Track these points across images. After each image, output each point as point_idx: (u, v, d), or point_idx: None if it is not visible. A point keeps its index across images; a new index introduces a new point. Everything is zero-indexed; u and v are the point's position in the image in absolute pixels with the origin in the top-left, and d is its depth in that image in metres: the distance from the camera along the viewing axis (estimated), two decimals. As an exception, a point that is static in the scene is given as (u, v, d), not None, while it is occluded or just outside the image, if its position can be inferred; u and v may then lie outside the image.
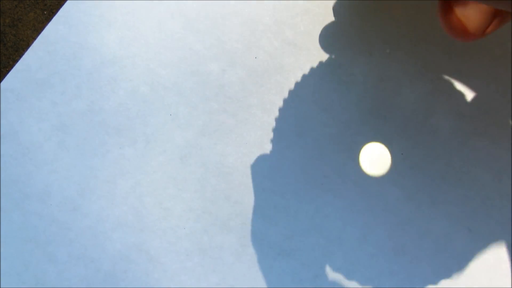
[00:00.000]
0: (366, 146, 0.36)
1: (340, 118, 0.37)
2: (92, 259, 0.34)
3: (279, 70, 0.38)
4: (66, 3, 0.40)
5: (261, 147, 0.36)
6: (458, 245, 0.34)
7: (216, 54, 0.39)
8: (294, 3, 0.40)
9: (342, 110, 0.37)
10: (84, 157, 0.36)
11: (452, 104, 0.37)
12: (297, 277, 0.33)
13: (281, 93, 0.38)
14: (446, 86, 0.37)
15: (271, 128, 0.37)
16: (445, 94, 0.37)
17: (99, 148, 0.36)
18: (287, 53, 0.39)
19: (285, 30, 0.39)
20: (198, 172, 0.36)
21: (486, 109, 0.37)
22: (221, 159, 0.36)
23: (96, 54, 0.39)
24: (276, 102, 0.37)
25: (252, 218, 0.35)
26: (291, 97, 0.38)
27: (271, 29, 0.39)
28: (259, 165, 0.36)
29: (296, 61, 0.38)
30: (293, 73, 0.38)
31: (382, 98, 0.37)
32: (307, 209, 0.35)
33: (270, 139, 0.36)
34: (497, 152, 0.36)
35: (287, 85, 0.38)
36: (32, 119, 0.37)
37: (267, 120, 0.37)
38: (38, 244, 0.34)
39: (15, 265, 0.34)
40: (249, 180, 0.36)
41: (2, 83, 0.38)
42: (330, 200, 0.35)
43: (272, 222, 0.35)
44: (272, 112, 0.37)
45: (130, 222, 0.35)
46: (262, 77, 0.38)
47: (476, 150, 0.36)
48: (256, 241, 0.34)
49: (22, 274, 0.34)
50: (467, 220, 0.34)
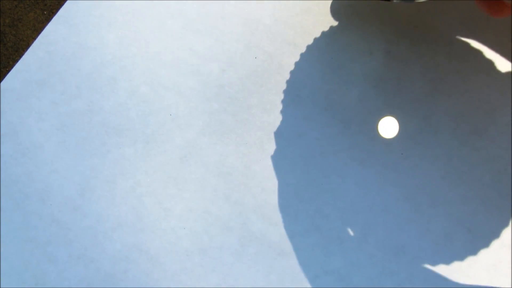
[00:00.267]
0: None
1: (340, 118, 0.37)
2: (92, 259, 0.34)
3: (279, 70, 0.38)
4: (66, 3, 0.40)
5: (261, 147, 0.36)
6: (458, 245, 0.34)
7: (216, 54, 0.39)
8: (294, 3, 0.40)
9: (342, 110, 0.37)
10: (84, 157, 0.36)
11: (452, 104, 0.37)
12: (297, 277, 0.33)
13: (281, 93, 0.38)
14: (446, 86, 0.37)
15: (271, 128, 0.37)
16: (445, 94, 0.37)
17: (99, 148, 0.36)
18: (287, 53, 0.39)
19: (285, 30, 0.39)
20: (198, 172, 0.36)
21: (486, 109, 0.37)
22: (221, 159, 0.36)
23: (96, 54, 0.39)
24: (276, 102, 0.37)
25: (252, 218, 0.35)
26: (291, 97, 0.38)
27: (271, 29, 0.39)
28: (259, 165, 0.36)
29: (296, 61, 0.38)
30: (293, 73, 0.38)
31: (382, 98, 0.37)
32: (307, 209, 0.35)
33: (270, 139, 0.36)
34: (497, 152, 0.36)
35: (287, 85, 0.38)
36: (32, 119, 0.37)
37: (267, 120, 0.37)
38: (38, 244, 0.34)
39: (15, 265, 0.34)
40: (249, 180, 0.36)
41: (2, 83, 0.38)
42: (330, 200, 0.35)
43: (272, 222, 0.35)
44: (272, 112, 0.37)
45: (130, 222, 0.35)
46: (262, 77, 0.38)
47: (476, 150, 0.36)
48: (256, 241, 0.34)
49: (22, 274, 0.34)
50: (467, 220, 0.34)
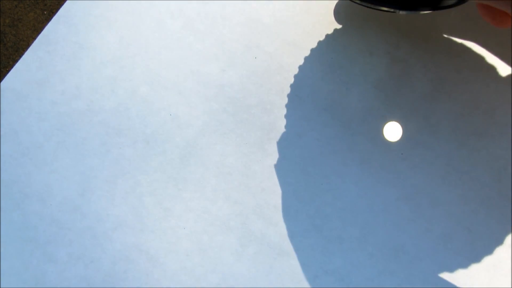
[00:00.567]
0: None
1: (340, 118, 0.37)
2: (92, 259, 0.34)
3: (279, 70, 0.38)
4: (66, 3, 0.40)
5: (261, 147, 0.36)
6: (458, 245, 0.34)
7: (216, 54, 0.39)
8: (294, 3, 0.40)
9: (342, 110, 0.37)
10: (84, 157, 0.36)
11: (452, 104, 0.37)
12: (297, 277, 0.33)
13: (281, 93, 0.38)
14: (446, 86, 0.37)
15: (271, 128, 0.37)
16: (445, 94, 0.37)
17: (99, 148, 0.36)
18: (287, 53, 0.39)
19: (285, 30, 0.39)
20: (198, 172, 0.36)
21: (486, 109, 0.37)
22: (221, 159, 0.36)
23: (96, 54, 0.39)
24: (276, 102, 0.37)
25: (252, 218, 0.35)
26: (291, 97, 0.38)
27: (271, 29, 0.39)
28: (259, 165, 0.36)
29: (296, 61, 0.38)
30: (293, 73, 0.38)
31: (382, 98, 0.37)
32: (307, 209, 0.35)
33: (270, 139, 0.36)
34: (497, 152, 0.36)
35: (287, 85, 0.38)
36: (32, 119, 0.37)
37: (267, 120, 0.37)
38: (38, 244, 0.34)
39: (15, 265, 0.34)
40: (249, 180, 0.36)
41: (2, 83, 0.38)
42: (330, 200, 0.35)
43: (272, 222, 0.35)
44: (272, 112, 0.37)
45: (130, 222, 0.35)
46: (262, 77, 0.38)
47: (476, 150, 0.36)
48: (256, 241, 0.34)
49: (22, 274, 0.34)
50: (467, 220, 0.34)
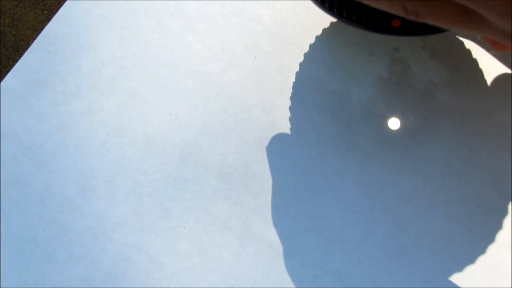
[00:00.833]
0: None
1: (340, 118, 0.37)
2: (92, 259, 0.34)
3: (279, 70, 0.38)
4: (66, 3, 0.40)
5: (261, 147, 0.36)
6: (458, 245, 0.34)
7: (216, 54, 0.39)
8: (294, 3, 0.40)
9: (342, 110, 0.37)
10: (84, 157, 0.36)
11: (452, 104, 0.37)
12: (297, 277, 0.33)
13: (281, 93, 0.38)
14: (446, 86, 0.37)
15: (271, 128, 0.37)
16: (445, 94, 0.37)
17: (99, 148, 0.36)
18: (287, 53, 0.39)
19: (285, 30, 0.39)
20: (198, 172, 0.36)
21: (486, 109, 0.37)
22: (221, 159, 0.36)
23: (96, 54, 0.39)
24: (276, 102, 0.37)
25: (252, 218, 0.35)
26: (291, 97, 0.38)
27: (271, 29, 0.39)
28: (259, 165, 0.36)
29: (296, 61, 0.38)
30: (293, 73, 0.38)
31: (382, 98, 0.37)
32: (307, 209, 0.35)
33: (270, 139, 0.36)
34: (497, 152, 0.36)
35: (287, 85, 0.38)
36: (32, 119, 0.37)
37: (267, 120, 0.37)
38: (38, 244, 0.34)
39: (15, 265, 0.34)
40: (249, 180, 0.36)
41: (2, 83, 0.38)
42: (330, 200, 0.35)
43: (272, 222, 0.35)
44: (272, 112, 0.37)
45: (130, 222, 0.35)
46: (262, 77, 0.38)
47: (476, 150, 0.36)
48: (256, 241, 0.34)
49: (22, 274, 0.34)
50: (467, 220, 0.34)
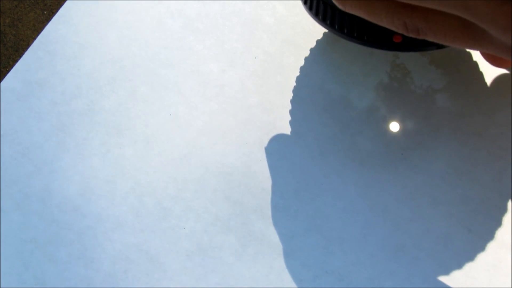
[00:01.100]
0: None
1: (340, 118, 0.37)
2: (92, 259, 0.34)
3: (279, 70, 0.38)
4: (66, 3, 0.40)
5: (261, 147, 0.36)
6: (458, 245, 0.34)
7: (216, 54, 0.39)
8: (294, 3, 0.40)
9: (342, 110, 0.37)
10: (84, 157, 0.36)
11: (452, 104, 0.37)
12: (297, 277, 0.33)
13: (281, 94, 0.38)
14: (446, 86, 0.37)
15: (271, 128, 0.37)
16: (445, 94, 0.37)
17: (99, 148, 0.37)
18: (287, 53, 0.39)
19: (285, 30, 0.39)
20: (198, 172, 0.36)
21: (486, 109, 0.37)
22: (221, 159, 0.36)
23: (96, 54, 0.39)
24: (276, 102, 0.37)
25: (252, 218, 0.35)
26: (291, 97, 0.38)
27: (271, 29, 0.39)
28: (259, 165, 0.36)
29: (296, 61, 0.38)
30: (293, 73, 0.38)
31: (382, 98, 0.37)
32: (307, 209, 0.35)
33: (270, 139, 0.37)
34: (497, 152, 0.36)
35: (287, 85, 0.38)
36: (32, 119, 0.37)
37: (267, 120, 0.37)
38: (38, 244, 0.34)
39: (15, 265, 0.34)
40: (249, 180, 0.36)
41: (2, 83, 0.38)
42: (330, 200, 0.35)
43: (272, 222, 0.35)
44: (272, 112, 0.37)
45: (130, 222, 0.35)
46: (262, 77, 0.38)
47: (476, 150, 0.36)
48: (256, 241, 0.34)
49: (22, 274, 0.34)
50: (467, 220, 0.34)
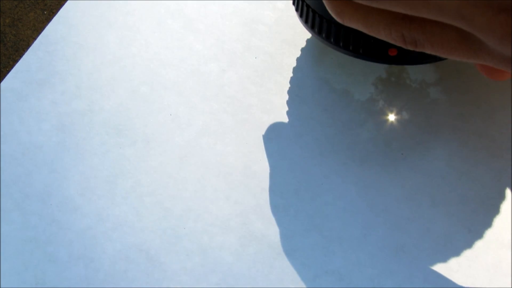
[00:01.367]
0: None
1: (340, 118, 0.37)
2: (92, 259, 0.34)
3: (279, 70, 0.38)
4: (66, 3, 0.40)
5: (261, 147, 0.36)
6: (458, 245, 0.34)
7: (216, 54, 0.39)
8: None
9: (342, 110, 0.37)
10: (84, 157, 0.36)
11: (452, 104, 0.37)
12: (297, 277, 0.33)
13: (281, 93, 0.38)
14: (447, 86, 0.37)
15: (271, 128, 0.37)
16: (445, 94, 0.37)
17: (99, 148, 0.37)
18: (287, 53, 0.39)
19: (285, 30, 0.39)
20: (198, 172, 0.36)
21: (486, 109, 0.37)
22: (221, 159, 0.36)
23: (96, 54, 0.39)
24: (276, 102, 0.37)
25: (252, 218, 0.35)
26: (291, 97, 0.38)
27: (271, 29, 0.39)
28: (259, 165, 0.36)
29: (296, 61, 0.38)
30: (293, 73, 0.38)
31: (382, 98, 0.37)
32: (307, 209, 0.35)
33: (270, 139, 0.37)
34: (497, 152, 0.36)
35: (287, 85, 0.38)
36: (32, 119, 0.37)
37: (267, 120, 0.37)
38: (38, 244, 0.34)
39: (15, 265, 0.34)
40: (249, 180, 0.36)
41: (2, 83, 0.38)
42: (330, 200, 0.35)
43: (272, 222, 0.35)
44: (272, 112, 0.37)
45: (130, 222, 0.35)
46: (262, 77, 0.38)
47: (476, 150, 0.36)
48: (256, 241, 0.34)
49: (22, 274, 0.34)
50: (467, 220, 0.34)
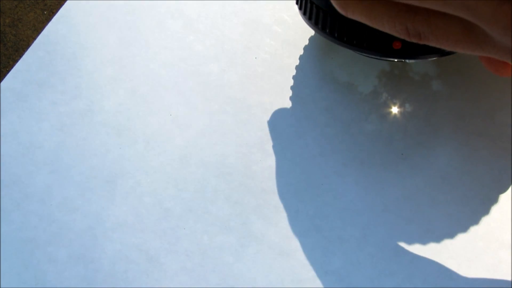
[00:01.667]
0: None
1: (340, 118, 0.37)
2: (92, 259, 0.34)
3: (279, 70, 0.38)
4: (66, 3, 0.40)
5: (261, 147, 0.36)
6: (458, 245, 0.34)
7: (216, 54, 0.39)
8: (294, 3, 0.40)
9: (342, 110, 0.37)
10: (84, 157, 0.36)
11: (452, 104, 0.37)
12: (297, 277, 0.33)
13: (281, 93, 0.38)
14: (446, 86, 0.37)
15: (271, 128, 0.37)
16: (445, 94, 0.37)
17: (99, 148, 0.36)
18: (287, 53, 0.39)
19: (285, 30, 0.39)
20: (198, 172, 0.36)
21: (486, 109, 0.37)
22: (221, 159, 0.36)
23: (96, 54, 0.39)
24: (276, 102, 0.37)
25: (252, 218, 0.35)
26: (291, 97, 0.38)
27: (271, 29, 0.39)
28: (259, 165, 0.36)
29: (296, 61, 0.38)
30: (293, 73, 0.38)
31: (383, 98, 0.37)
32: (307, 209, 0.35)
33: (270, 139, 0.37)
34: (497, 152, 0.36)
35: (287, 85, 0.38)
36: (32, 119, 0.37)
37: (267, 120, 0.37)
38: (38, 244, 0.34)
39: (15, 265, 0.34)
40: (249, 180, 0.36)
41: (2, 83, 0.38)
42: (330, 200, 0.35)
43: (272, 222, 0.35)
44: (272, 112, 0.37)
45: (130, 222, 0.35)
46: (262, 77, 0.38)
47: (476, 150, 0.36)
48: (256, 241, 0.34)
49: (22, 274, 0.34)
50: (467, 220, 0.34)
